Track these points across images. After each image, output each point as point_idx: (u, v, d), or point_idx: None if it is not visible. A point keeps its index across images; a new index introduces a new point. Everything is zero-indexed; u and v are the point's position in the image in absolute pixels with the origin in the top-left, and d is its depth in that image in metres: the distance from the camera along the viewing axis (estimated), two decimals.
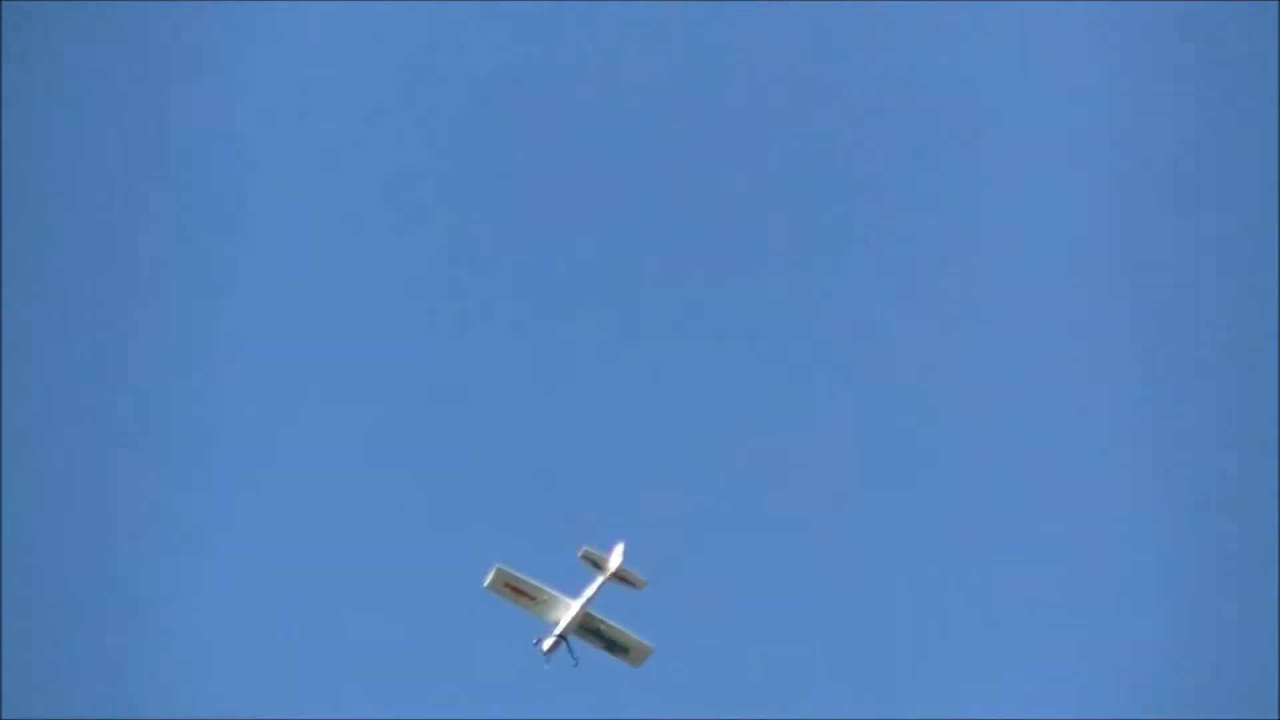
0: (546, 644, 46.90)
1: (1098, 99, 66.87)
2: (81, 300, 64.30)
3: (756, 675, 57.69)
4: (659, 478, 61.55)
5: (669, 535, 48.81)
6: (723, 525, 61.34)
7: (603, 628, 46.81)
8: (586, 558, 45.55)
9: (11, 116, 62.88)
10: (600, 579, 45.74)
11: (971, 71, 69.40)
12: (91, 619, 59.83)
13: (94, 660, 59.56)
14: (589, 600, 46.16)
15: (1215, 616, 60.41)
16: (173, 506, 63.31)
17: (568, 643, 46.87)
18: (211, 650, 61.45)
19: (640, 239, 69.63)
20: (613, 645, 46.84)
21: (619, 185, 69.77)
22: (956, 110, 69.43)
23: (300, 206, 69.28)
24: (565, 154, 70.58)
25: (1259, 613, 59.32)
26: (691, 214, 69.65)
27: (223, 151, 67.27)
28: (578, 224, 69.53)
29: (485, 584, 46.16)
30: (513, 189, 69.90)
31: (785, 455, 63.65)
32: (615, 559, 45.53)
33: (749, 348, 67.39)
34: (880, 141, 69.93)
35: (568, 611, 46.37)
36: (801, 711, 57.12)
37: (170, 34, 65.68)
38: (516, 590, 46.04)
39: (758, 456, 63.31)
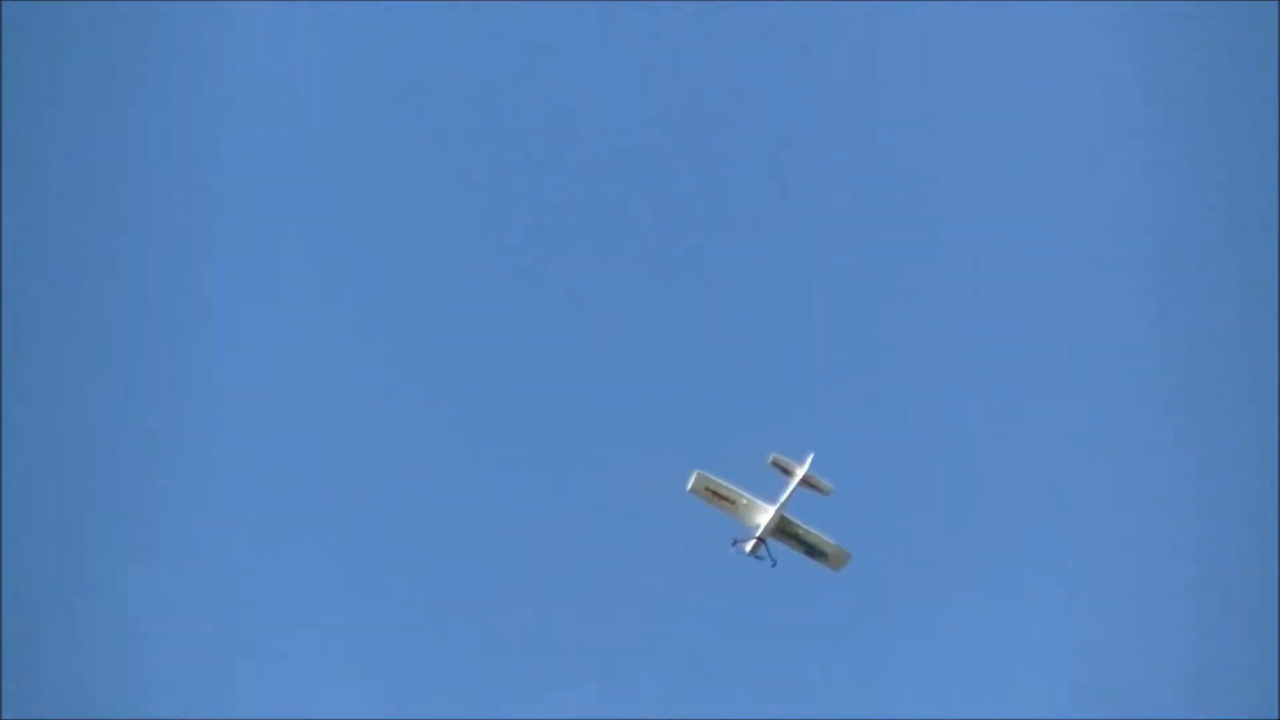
0: (748, 546, 48.17)
1: (1095, 100, 66.98)
2: (72, 301, 64.41)
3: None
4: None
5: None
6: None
7: (800, 532, 47.86)
8: (775, 464, 46.99)
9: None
10: (792, 484, 47.00)
11: (968, 72, 69.48)
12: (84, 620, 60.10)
13: (90, 661, 59.72)
14: (784, 504, 47.39)
15: (1215, 616, 60.53)
16: (171, 506, 63.53)
17: (766, 545, 48.00)
18: (214, 650, 61.73)
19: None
20: (811, 550, 47.80)
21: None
22: (957, 110, 69.50)
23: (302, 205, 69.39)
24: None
25: (1259, 612, 59.42)
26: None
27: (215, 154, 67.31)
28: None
29: (687, 488, 47.48)
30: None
31: None
32: (804, 466, 46.97)
33: None
34: (884, 139, 70.06)
35: (765, 515, 47.58)
36: None
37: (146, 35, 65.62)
38: (715, 494, 47.38)
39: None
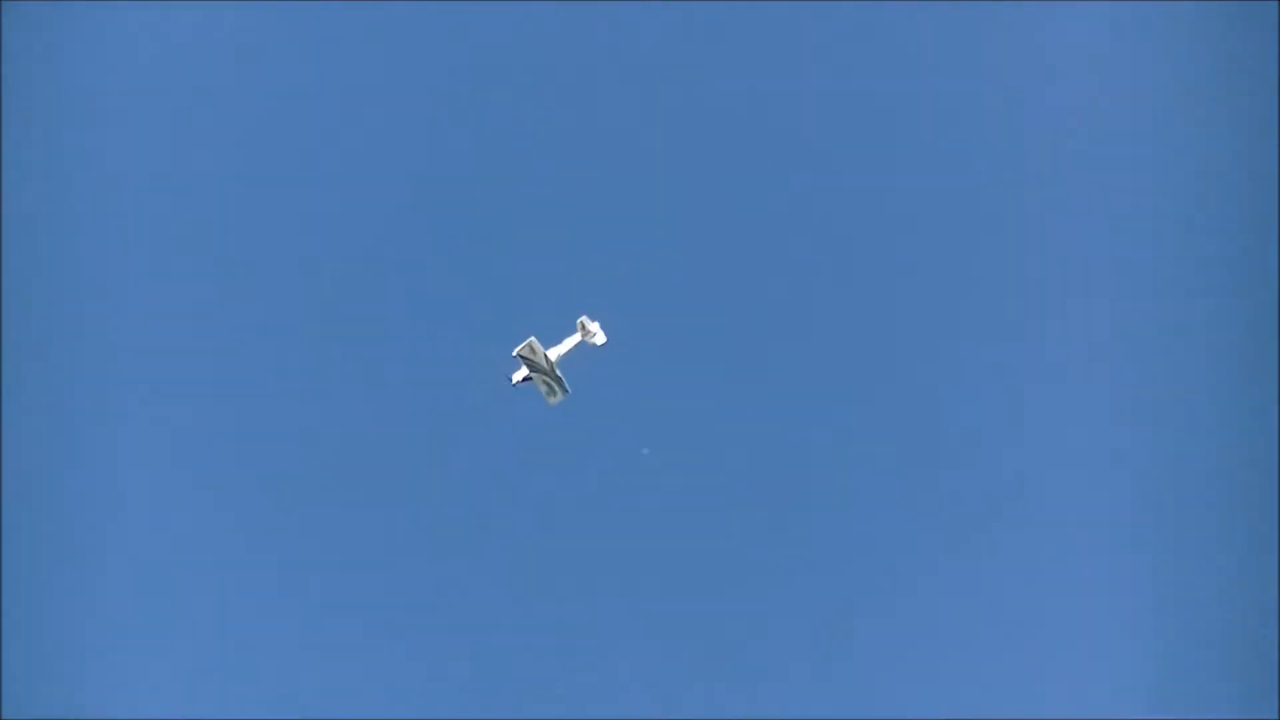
0: (516, 378, 61.56)
1: (1093, 100, 66.85)
2: None
3: None
4: None
5: None
6: None
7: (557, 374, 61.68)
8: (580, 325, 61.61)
9: None
10: (575, 338, 61.48)
11: (973, 75, 69.36)
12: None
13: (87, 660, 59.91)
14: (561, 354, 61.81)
15: (1215, 616, 60.33)
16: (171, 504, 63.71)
17: (531, 378, 61.49)
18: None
19: None
20: (553, 382, 61.79)
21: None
22: (963, 113, 69.36)
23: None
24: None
25: (1259, 612, 59.21)
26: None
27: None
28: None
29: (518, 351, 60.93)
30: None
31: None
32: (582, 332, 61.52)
33: None
34: (889, 144, 69.94)
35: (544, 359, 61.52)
36: None
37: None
38: (533, 354, 60.99)
39: None
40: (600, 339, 61.09)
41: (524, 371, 61.24)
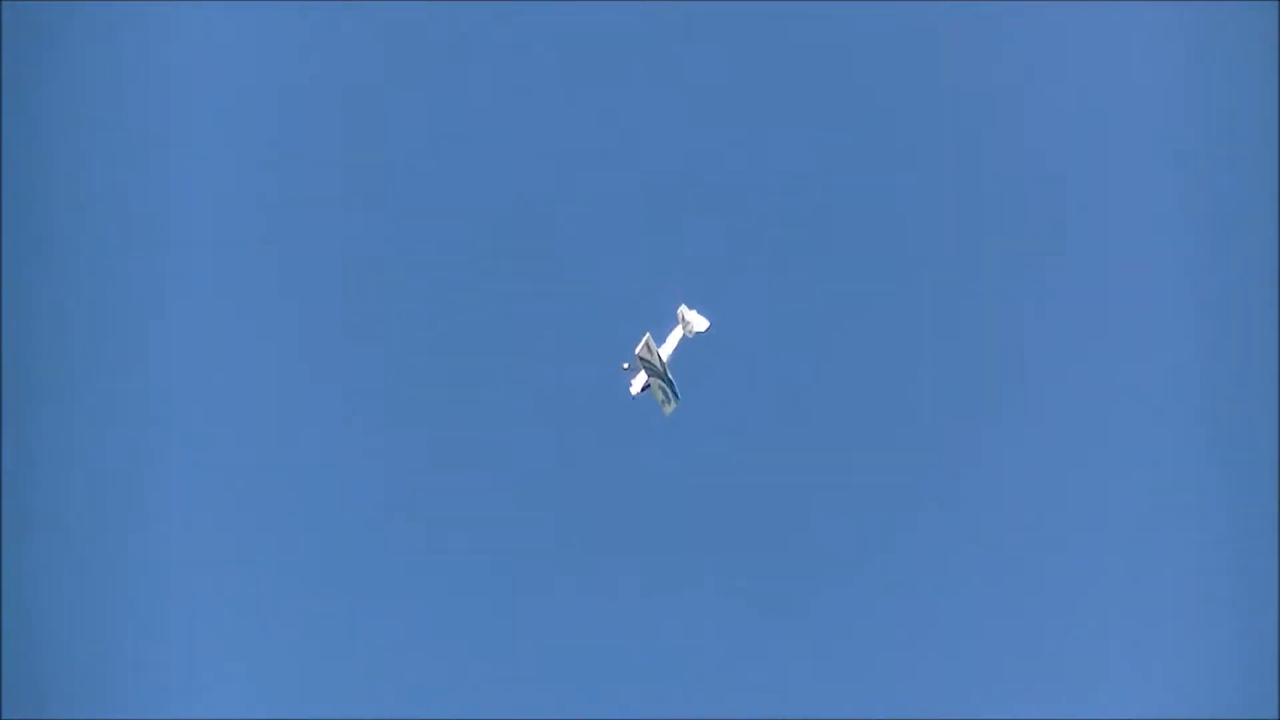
0: (636, 388, 57.50)
1: (1098, 99, 66.93)
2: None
3: None
4: None
5: None
6: None
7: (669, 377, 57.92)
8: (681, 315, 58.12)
9: None
10: (678, 330, 57.94)
11: (987, 72, 69.41)
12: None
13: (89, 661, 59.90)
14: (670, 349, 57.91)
15: (1215, 617, 60.44)
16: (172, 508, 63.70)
17: (649, 384, 57.57)
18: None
19: None
20: (666, 387, 57.73)
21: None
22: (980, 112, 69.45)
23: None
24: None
25: (1259, 613, 59.32)
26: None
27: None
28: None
29: (638, 350, 56.52)
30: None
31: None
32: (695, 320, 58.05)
33: None
34: (902, 144, 70.02)
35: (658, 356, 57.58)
36: None
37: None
38: (650, 354, 56.99)
39: None
40: (701, 325, 57.35)
41: (643, 378, 56.99)
